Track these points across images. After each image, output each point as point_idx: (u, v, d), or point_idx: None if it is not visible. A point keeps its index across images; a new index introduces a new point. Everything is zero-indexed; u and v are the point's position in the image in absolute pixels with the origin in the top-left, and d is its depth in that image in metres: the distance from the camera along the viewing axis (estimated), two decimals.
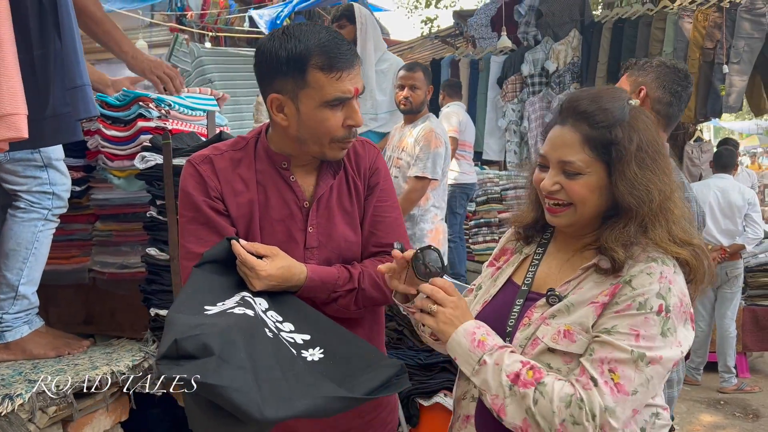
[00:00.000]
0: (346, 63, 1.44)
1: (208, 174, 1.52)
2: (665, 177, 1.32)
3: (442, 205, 3.95)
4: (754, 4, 5.41)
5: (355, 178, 1.64)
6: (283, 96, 1.47)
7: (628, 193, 1.27)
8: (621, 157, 1.28)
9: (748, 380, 5.25)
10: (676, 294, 1.24)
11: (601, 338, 1.22)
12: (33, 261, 2.16)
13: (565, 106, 1.35)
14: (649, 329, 1.21)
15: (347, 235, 1.60)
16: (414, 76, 3.75)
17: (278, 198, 1.55)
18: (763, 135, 19.49)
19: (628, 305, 1.23)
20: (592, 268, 1.32)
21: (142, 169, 2.22)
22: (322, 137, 1.48)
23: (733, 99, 5.51)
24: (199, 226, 1.50)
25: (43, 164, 2.14)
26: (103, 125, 2.32)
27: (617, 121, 1.29)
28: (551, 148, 1.35)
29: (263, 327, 1.30)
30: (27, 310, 2.19)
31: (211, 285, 1.37)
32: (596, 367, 1.20)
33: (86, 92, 1.77)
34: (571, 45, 6.23)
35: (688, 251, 1.29)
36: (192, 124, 2.44)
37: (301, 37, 1.43)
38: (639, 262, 1.27)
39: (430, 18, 14.39)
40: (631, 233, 1.28)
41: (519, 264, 1.50)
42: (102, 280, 2.46)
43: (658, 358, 1.20)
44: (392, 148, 3.95)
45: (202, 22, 9.33)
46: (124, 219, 2.43)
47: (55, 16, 1.70)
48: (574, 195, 1.31)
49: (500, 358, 1.25)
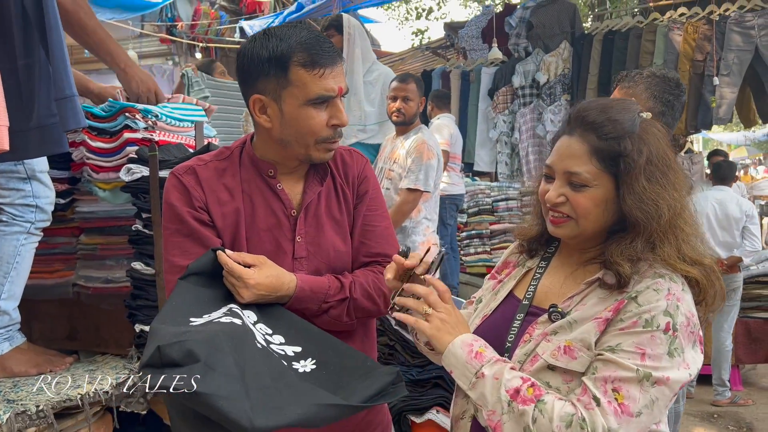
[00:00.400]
0: (329, 60, 1.42)
1: (191, 184, 1.48)
2: (675, 192, 1.27)
3: (434, 217, 3.92)
4: (744, 17, 5.44)
5: (343, 186, 1.60)
6: (265, 97, 1.44)
7: (636, 208, 1.23)
8: (629, 169, 1.23)
9: (741, 393, 5.22)
10: (683, 313, 1.19)
11: (605, 356, 1.17)
12: (14, 276, 2.10)
13: (574, 116, 1.32)
14: (656, 348, 1.16)
15: (337, 245, 1.56)
16: (407, 87, 3.73)
17: (265, 207, 1.52)
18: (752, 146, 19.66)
19: (633, 322, 1.18)
20: (596, 283, 1.28)
21: (127, 182, 2.17)
22: (307, 137, 1.45)
23: (723, 111, 5.52)
24: (184, 238, 1.46)
25: (27, 176, 2.09)
26: (88, 136, 2.27)
27: (627, 132, 1.26)
28: (558, 158, 1.31)
29: (252, 337, 1.26)
30: (7, 326, 2.12)
31: (197, 297, 1.33)
32: (599, 386, 1.15)
33: (75, 103, 1.73)
34: (562, 57, 6.24)
35: (699, 271, 1.25)
36: (180, 135, 2.40)
37: (283, 36, 1.42)
38: (645, 278, 1.22)
39: (421, 30, 14.45)
40: (638, 249, 1.23)
41: (521, 278, 1.46)
42: (86, 295, 2.39)
43: (665, 379, 1.15)
44: (384, 159, 3.92)
45: (192, 33, 9.33)
46: (110, 232, 2.37)
47: (41, 27, 1.67)
48: (578, 208, 1.27)
49: (500, 372, 1.21)
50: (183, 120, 2.41)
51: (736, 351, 5.26)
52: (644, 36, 5.80)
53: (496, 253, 5.76)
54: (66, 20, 2.09)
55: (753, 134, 16.19)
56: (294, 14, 7.44)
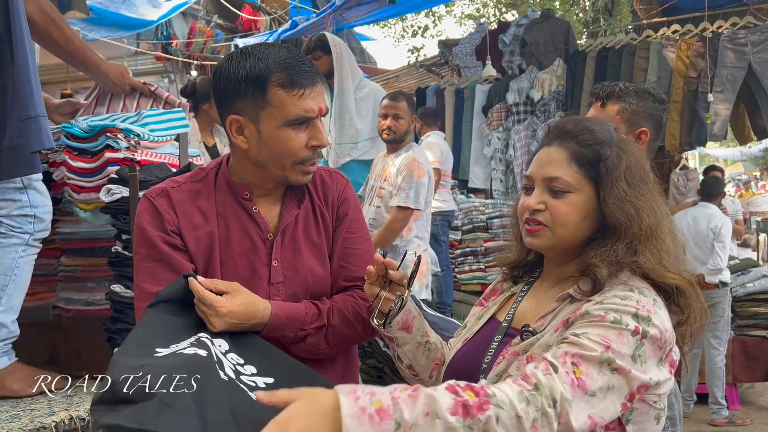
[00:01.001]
0: (308, 81, 1.39)
1: (164, 207, 1.44)
2: (654, 203, 1.26)
3: (425, 235, 3.89)
4: (736, 34, 5.45)
5: (322, 209, 1.56)
6: (243, 117, 1.41)
7: (618, 210, 1.22)
8: (610, 173, 1.23)
9: (739, 412, 5.15)
10: (656, 325, 1.13)
11: (569, 339, 1.12)
12: (13, 288, 2.06)
13: (552, 129, 1.33)
14: (621, 346, 1.09)
15: (315, 269, 1.52)
16: (397, 105, 3.71)
17: (240, 230, 1.47)
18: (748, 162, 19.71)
19: (601, 317, 1.12)
20: (567, 300, 1.24)
21: (107, 202, 2.13)
22: (285, 159, 1.42)
23: (717, 127, 5.51)
24: (155, 264, 1.41)
25: (23, 186, 2.05)
26: (69, 156, 2.22)
27: (605, 141, 1.27)
28: (537, 166, 1.30)
29: (217, 368, 1.20)
30: (6, 340, 2.08)
31: (165, 326, 1.27)
32: (558, 357, 1.09)
33: (40, 123, 1.69)
34: (556, 74, 6.24)
35: (679, 279, 1.22)
36: (162, 153, 2.36)
37: (261, 55, 1.38)
38: (614, 289, 1.18)
39: (417, 47, 14.50)
40: (619, 252, 1.20)
41: (504, 302, 1.43)
42: (67, 318, 2.35)
43: (627, 370, 1.08)
44: (375, 177, 3.90)
45: (187, 51, 9.35)
46: (91, 254, 2.33)
47: (11, 46, 1.63)
48: (557, 215, 1.24)
49: (422, 404, 0.98)
50: (166, 131, 2.36)
51: (733, 369, 5.20)
52: (638, 53, 5.81)
53: (491, 271, 5.71)
54: (36, 33, 2.06)
55: (749, 150, 16.23)
56: (288, 32, 7.45)
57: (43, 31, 2.11)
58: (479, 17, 14.36)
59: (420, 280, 3.79)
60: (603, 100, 2.08)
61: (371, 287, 1.40)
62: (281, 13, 9.33)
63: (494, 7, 14.33)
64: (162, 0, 7.86)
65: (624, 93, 2.05)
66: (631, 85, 2.09)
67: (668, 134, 5.63)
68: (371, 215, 3.78)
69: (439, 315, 2.73)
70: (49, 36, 2.13)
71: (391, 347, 1.49)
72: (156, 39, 9.18)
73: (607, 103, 2.06)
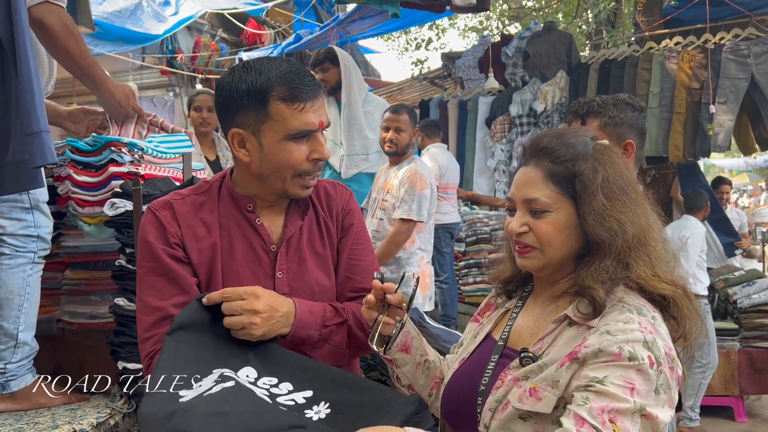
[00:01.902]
0: (309, 94, 1.39)
1: (167, 220, 1.45)
2: (639, 210, 1.25)
3: (428, 248, 3.89)
4: (739, 45, 5.46)
5: (326, 220, 1.57)
6: (244, 131, 1.42)
7: (598, 225, 1.21)
8: (586, 188, 1.22)
9: (746, 424, 5.10)
10: (661, 347, 1.13)
11: (596, 387, 1.09)
12: (27, 306, 2.10)
13: (527, 147, 1.33)
14: (643, 384, 1.09)
15: (320, 280, 1.52)
16: (399, 118, 3.73)
17: (243, 242, 1.48)
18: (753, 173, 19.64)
19: (617, 354, 1.10)
20: (565, 321, 1.23)
21: (111, 216, 2.15)
22: (285, 172, 1.42)
23: (721, 138, 5.50)
24: (158, 278, 1.41)
25: (30, 206, 2.08)
26: (73, 170, 2.25)
27: (579, 155, 1.26)
28: (516, 188, 1.30)
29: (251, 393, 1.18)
30: (29, 357, 2.12)
31: (186, 360, 1.23)
32: (596, 416, 1.06)
33: (43, 139, 1.71)
34: (559, 86, 6.25)
35: (674, 290, 1.21)
36: (166, 168, 2.38)
37: (262, 69, 1.39)
38: (613, 312, 1.17)
39: (421, 60, 14.56)
40: (609, 269, 1.20)
41: (499, 318, 1.42)
42: (71, 331, 2.36)
43: (654, 416, 1.08)
44: (377, 190, 3.91)
45: (192, 65, 9.41)
46: (95, 267, 2.35)
47: (15, 62, 1.65)
48: (541, 236, 1.24)
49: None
50: (171, 150, 2.39)
51: (739, 381, 5.16)
52: (640, 65, 5.82)
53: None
54: (52, 44, 2.09)
55: (754, 160, 16.18)
56: (292, 45, 7.51)
57: (61, 43, 2.13)
58: (482, 30, 14.41)
59: (424, 292, 3.79)
60: (582, 117, 2.02)
61: (370, 312, 1.38)
62: (285, 27, 9.40)
63: (497, 19, 14.38)
64: (167, 14, 7.93)
65: (603, 107, 1.99)
66: (608, 98, 2.03)
67: (672, 145, 5.63)
68: (374, 227, 3.78)
69: (443, 328, 2.73)
70: (67, 49, 2.16)
71: (390, 368, 1.48)
72: (161, 53, 9.24)
73: (587, 120, 2.00)
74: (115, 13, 7.55)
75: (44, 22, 2.05)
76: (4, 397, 2.06)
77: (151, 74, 9.66)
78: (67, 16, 2.22)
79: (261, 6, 8.40)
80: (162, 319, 1.38)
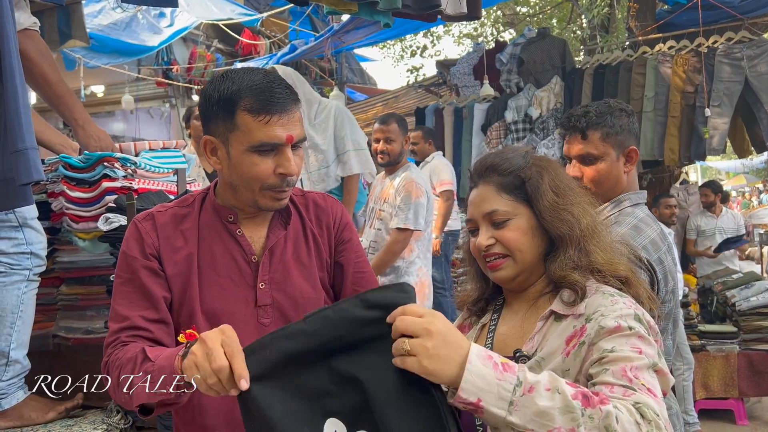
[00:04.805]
0: (278, 107, 1.37)
1: (146, 230, 1.46)
2: (585, 204, 1.35)
3: (427, 255, 3.87)
4: (732, 48, 5.48)
5: (313, 230, 1.56)
6: (216, 139, 1.43)
7: (556, 220, 1.30)
8: (536, 190, 1.32)
9: (746, 428, 5.09)
10: (648, 320, 1.21)
11: (609, 356, 1.12)
12: (20, 324, 2.08)
13: (473, 170, 1.41)
14: (648, 348, 1.14)
15: (305, 291, 1.50)
16: (388, 128, 3.72)
17: (224, 253, 1.48)
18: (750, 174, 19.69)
19: (617, 326, 1.15)
20: (551, 317, 1.27)
21: (106, 231, 2.15)
22: (252, 183, 1.41)
23: (716, 141, 5.52)
24: (132, 290, 1.43)
25: (19, 224, 2.07)
26: (67, 187, 2.25)
27: (522, 165, 1.35)
28: (473, 208, 1.37)
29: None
30: (20, 374, 2.11)
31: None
32: (622, 377, 1.07)
33: (28, 156, 1.70)
34: (554, 91, 6.27)
35: (626, 269, 1.31)
36: (160, 182, 2.38)
37: (236, 78, 1.39)
38: (596, 299, 1.24)
39: (416, 67, 14.58)
40: (573, 257, 1.28)
41: (478, 334, 1.43)
42: (67, 346, 2.36)
43: (664, 372, 1.14)
44: (374, 199, 3.90)
45: (188, 76, 9.43)
46: (90, 282, 2.34)
47: (1, 79, 1.65)
48: (509, 243, 1.31)
49: (551, 379, 1.00)
50: (162, 167, 2.39)
51: (739, 384, 5.15)
52: (634, 69, 5.84)
53: None
54: (29, 70, 2.09)
55: (750, 162, 16.23)
56: (288, 55, 7.52)
57: (38, 69, 2.15)
58: (477, 37, 14.45)
59: (422, 302, 3.78)
60: (582, 131, 1.96)
61: None
62: (281, 37, 9.43)
63: (491, 26, 14.42)
64: (162, 26, 7.95)
65: (601, 117, 1.95)
66: (602, 107, 1.98)
67: (667, 149, 5.64)
68: (371, 238, 3.77)
69: None
70: (43, 74, 2.18)
71: None
72: (157, 65, 9.27)
73: (588, 133, 1.95)
74: (111, 25, 7.58)
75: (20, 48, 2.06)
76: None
77: (147, 86, 9.70)
78: (43, 43, 2.23)
79: (256, 16, 8.43)
80: (128, 327, 1.39)
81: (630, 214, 1.93)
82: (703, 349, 5.21)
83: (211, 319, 1.44)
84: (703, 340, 5.27)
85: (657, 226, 1.96)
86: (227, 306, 1.44)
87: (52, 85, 2.20)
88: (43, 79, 2.17)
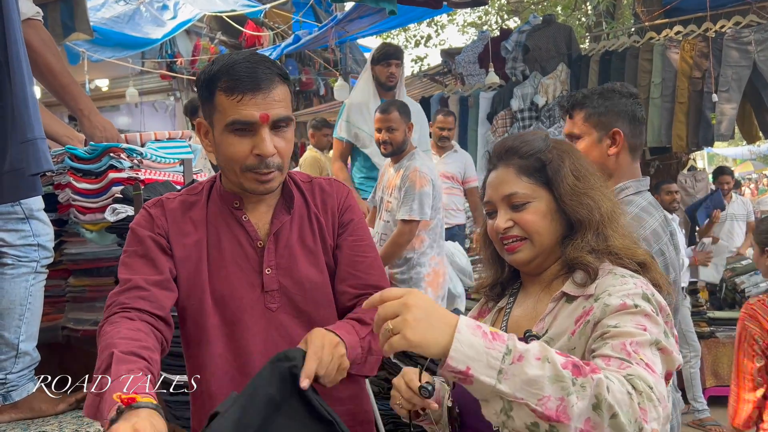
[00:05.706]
0: (250, 86, 1.35)
1: (157, 215, 1.48)
2: (605, 189, 1.35)
3: (440, 243, 3.78)
4: (740, 33, 5.43)
5: (318, 215, 1.55)
6: (204, 121, 1.46)
7: (576, 204, 1.29)
8: (557, 172, 1.31)
9: None
10: (659, 301, 1.19)
11: (612, 332, 1.11)
12: (29, 316, 2.09)
13: (492, 153, 1.41)
14: (653, 326, 1.12)
15: (311, 275, 1.49)
16: (389, 117, 3.64)
17: (230, 239, 1.48)
18: (757, 161, 19.58)
19: (623, 304, 1.15)
20: (562, 299, 1.27)
21: (113, 222, 2.14)
22: (232, 164, 1.41)
23: (724, 127, 5.48)
24: (137, 258, 1.43)
25: (25, 216, 2.07)
26: (73, 178, 2.24)
27: (542, 148, 1.34)
28: (492, 190, 1.36)
29: None
30: (30, 366, 2.11)
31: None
32: (620, 351, 1.07)
33: (37, 146, 1.69)
34: (560, 79, 6.23)
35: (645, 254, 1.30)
36: (166, 172, 2.37)
37: (219, 60, 1.40)
38: (606, 280, 1.23)
39: (420, 57, 14.54)
40: (591, 242, 1.28)
41: (495, 318, 1.44)
42: (76, 338, 2.36)
43: (669, 351, 1.12)
44: (382, 189, 3.84)
45: (192, 68, 9.41)
46: (98, 273, 2.34)
47: (9, 70, 1.64)
48: (528, 226, 1.30)
49: (541, 349, 0.99)
50: (169, 155, 2.38)
51: None
52: (641, 55, 5.80)
53: None
54: (33, 60, 2.08)
55: (758, 149, 16.13)
56: (291, 46, 7.50)
57: (42, 59, 2.14)
58: (481, 25, 14.38)
59: (436, 292, 3.71)
60: (569, 111, 1.99)
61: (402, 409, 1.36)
62: (284, 28, 9.39)
63: (496, 14, 14.35)
64: (166, 18, 7.93)
65: (587, 98, 1.95)
66: (596, 88, 2.00)
67: (675, 135, 5.60)
68: (380, 230, 3.71)
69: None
70: (48, 64, 2.17)
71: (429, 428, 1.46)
72: (161, 57, 9.25)
73: (573, 113, 1.97)
74: (114, 18, 7.56)
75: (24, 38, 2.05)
76: (6, 407, 2.06)
77: (152, 79, 9.68)
78: (46, 33, 2.21)
79: (259, 8, 8.38)
80: (129, 288, 1.38)
81: (630, 203, 1.90)
82: (713, 336, 5.19)
83: (220, 304, 1.45)
84: (712, 326, 5.25)
85: (659, 214, 1.93)
86: (235, 292, 1.44)
87: (56, 75, 2.19)
88: (47, 69, 2.17)
